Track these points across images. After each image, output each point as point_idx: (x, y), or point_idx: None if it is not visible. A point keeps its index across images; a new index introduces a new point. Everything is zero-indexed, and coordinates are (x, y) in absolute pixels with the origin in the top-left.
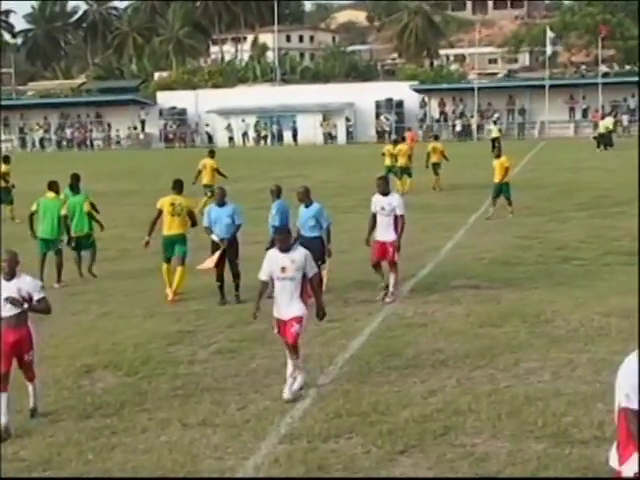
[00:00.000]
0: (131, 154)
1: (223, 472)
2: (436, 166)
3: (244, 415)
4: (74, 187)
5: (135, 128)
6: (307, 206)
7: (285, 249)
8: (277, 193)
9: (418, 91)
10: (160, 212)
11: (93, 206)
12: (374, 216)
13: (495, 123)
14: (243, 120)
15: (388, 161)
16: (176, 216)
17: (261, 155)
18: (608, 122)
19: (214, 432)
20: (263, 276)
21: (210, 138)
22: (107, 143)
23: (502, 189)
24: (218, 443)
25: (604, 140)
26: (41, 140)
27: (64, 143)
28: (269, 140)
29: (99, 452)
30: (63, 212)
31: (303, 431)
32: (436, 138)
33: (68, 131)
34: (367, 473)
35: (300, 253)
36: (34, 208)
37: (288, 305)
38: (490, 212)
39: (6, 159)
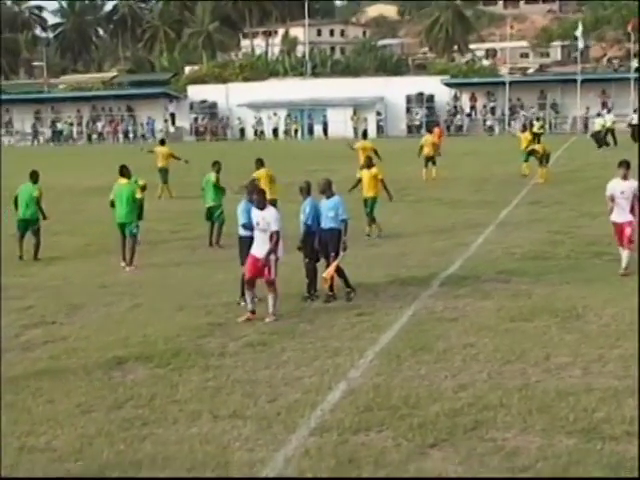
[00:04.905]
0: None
1: (253, 464)
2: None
3: (274, 407)
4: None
5: (166, 121)
6: (328, 197)
7: None
8: (307, 190)
9: (449, 85)
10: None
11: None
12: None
13: (599, 115)
14: (275, 114)
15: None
16: (273, 183)
17: (291, 149)
18: (606, 119)
19: (245, 424)
20: None
21: (242, 132)
22: (138, 136)
23: (369, 204)
24: (249, 435)
25: (599, 138)
26: (71, 133)
27: (94, 136)
28: (299, 134)
29: (130, 443)
30: (138, 196)
31: (334, 424)
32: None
33: (99, 124)
34: (397, 466)
35: None
36: (112, 196)
37: None
38: (370, 230)
39: (162, 142)
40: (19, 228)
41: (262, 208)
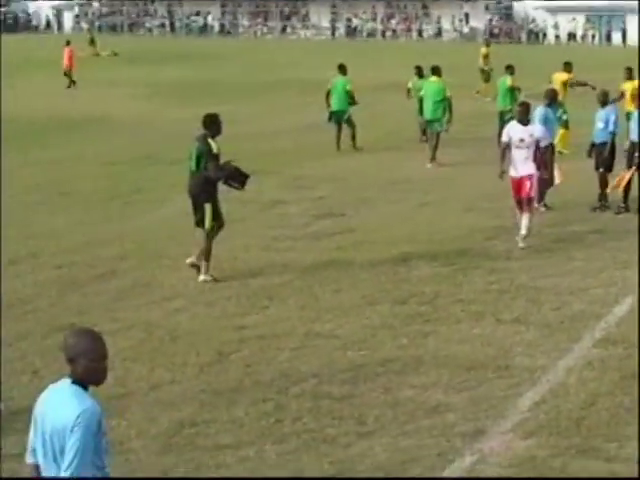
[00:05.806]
0: (455, 47)
1: (534, 370)
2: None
3: (558, 316)
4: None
5: (460, 21)
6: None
7: None
8: (606, 99)
9: None
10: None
11: None
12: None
13: None
14: (574, 18)
15: None
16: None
17: (587, 55)
18: None
19: (527, 329)
20: None
21: (537, 35)
22: (433, 36)
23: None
24: (531, 341)
25: None
26: (365, 30)
27: (388, 34)
28: (597, 40)
29: (413, 338)
30: (448, 94)
31: (619, 337)
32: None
33: (393, 21)
34: None
35: None
36: (422, 92)
37: None
38: None
39: (487, 42)
40: (334, 120)
41: (527, 124)
